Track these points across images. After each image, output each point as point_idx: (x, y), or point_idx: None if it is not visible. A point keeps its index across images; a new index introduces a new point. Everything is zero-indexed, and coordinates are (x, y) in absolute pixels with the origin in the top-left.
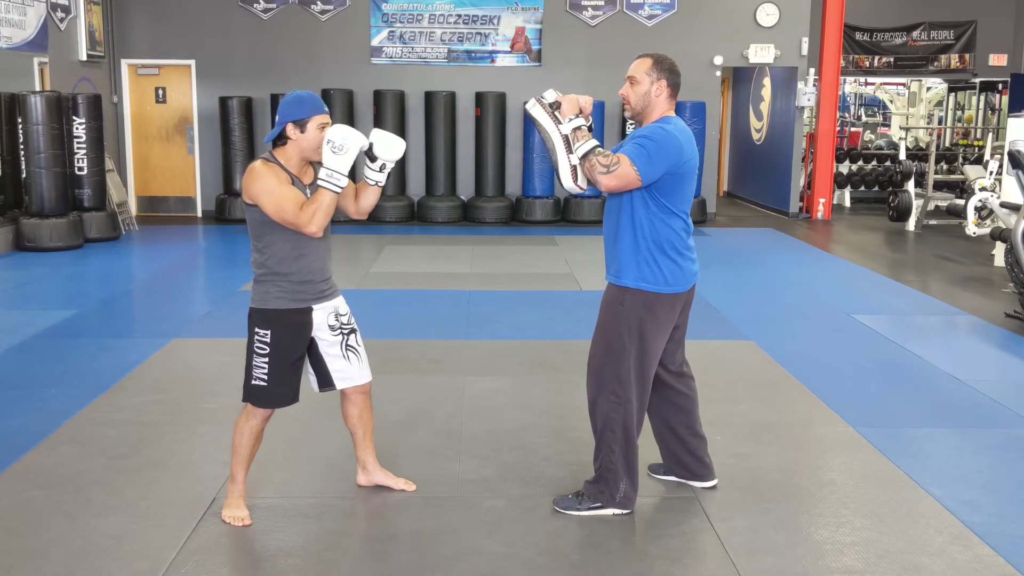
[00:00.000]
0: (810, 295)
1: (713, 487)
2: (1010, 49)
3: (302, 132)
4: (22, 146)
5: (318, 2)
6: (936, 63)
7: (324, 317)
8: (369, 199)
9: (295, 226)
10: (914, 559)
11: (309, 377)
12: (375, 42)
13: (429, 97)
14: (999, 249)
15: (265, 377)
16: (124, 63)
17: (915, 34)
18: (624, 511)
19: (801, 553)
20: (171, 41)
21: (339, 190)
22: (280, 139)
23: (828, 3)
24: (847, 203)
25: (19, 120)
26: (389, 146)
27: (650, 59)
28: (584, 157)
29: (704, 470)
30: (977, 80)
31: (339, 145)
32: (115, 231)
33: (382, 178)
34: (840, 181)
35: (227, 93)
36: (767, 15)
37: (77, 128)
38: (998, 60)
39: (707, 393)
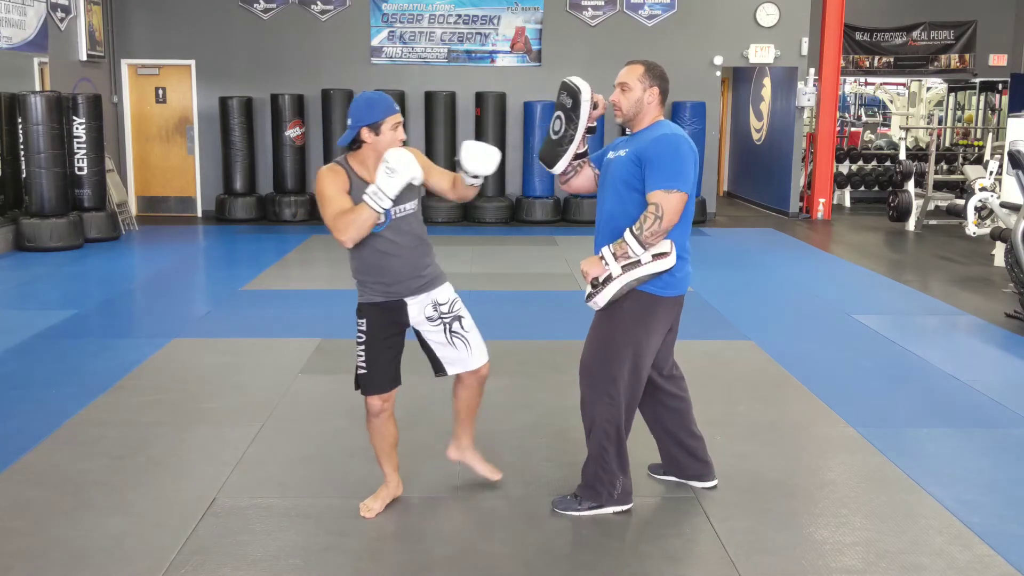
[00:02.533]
0: (810, 295)
1: (714, 487)
2: (1010, 49)
3: (377, 135)
4: (22, 146)
5: (318, 2)
6: (936, 63)
7: (420, 309)
8: (466, 192)
9: (333, 230)
10: (914, 559)
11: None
12: (375, 42)
13: (429, 97)
14: (999, 249)
15: (364, 364)
16: (124, 63)
17: (915, 34)
18: (623, 507)
19: (801, 553)
20: (171, 41)
21: (380, 211)
22: (354, 143)
23: (828, 3)
24: (847, 203)
25: (19, 120)
26: (477, 160)
27: (642, 66)
28: (642, 244)
29: (704, 470)
30: (977, 80)
31: (392, 168)
32: (115, 231)
33: (477, 182)
34: (840, 181)
35: (227, 93)
36: (767, 15)
37: (77, 128)
38: (998, 60)
39: (707, 393)
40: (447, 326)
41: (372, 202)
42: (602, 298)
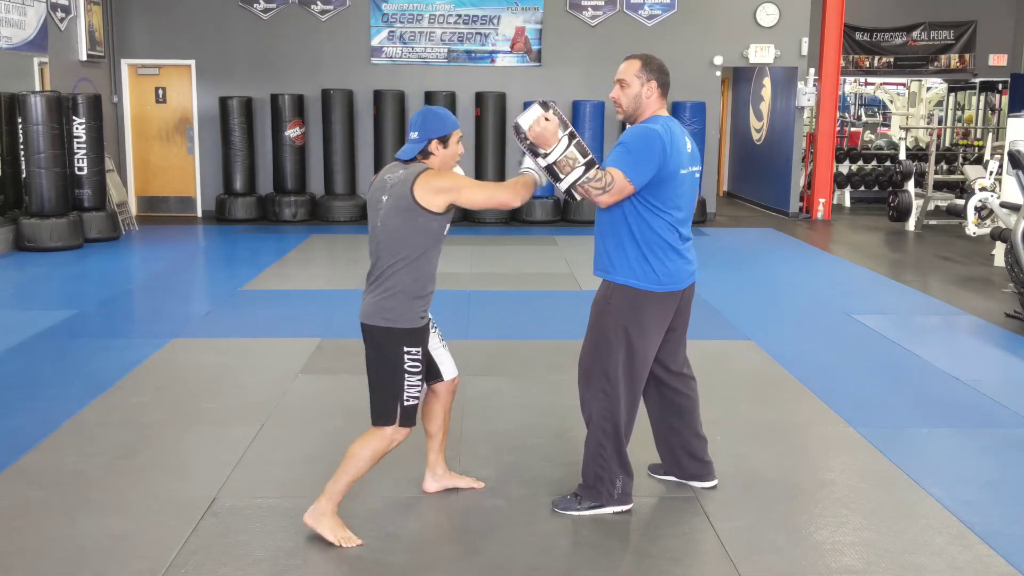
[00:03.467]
0: (810, 295)
1: (713, 487)
2: (1010, 49)
3: (445, 148)
4: (22, 146)
5: (318, 2)
6: (936, 63)
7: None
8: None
9: (504, 200)
10: (914, 559)
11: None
12: (375, 42)
13: (429, 97)
14: (999, 249)
15: (418, 395)
16: (124, 63)
17: (915, 34)
18: (623, 507)
19: (801, 553)
20: (171, 41)
21: (535, 183)
22: (422, 155)
23: (828, 3)
24: (847, 203)
25: (19, 120)
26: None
27: (638, 60)
28: (575, 184)
29: (704, 470)
30: (977, 80)
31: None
32: (115, 231)
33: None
34: (840, 181)
35: (227, 93)
36: (767, 15)
37: (77, 128)
38: (998, 60)
39: (707, 393)
40: (438, 332)
41: (530, 174)
42: (523, 161)
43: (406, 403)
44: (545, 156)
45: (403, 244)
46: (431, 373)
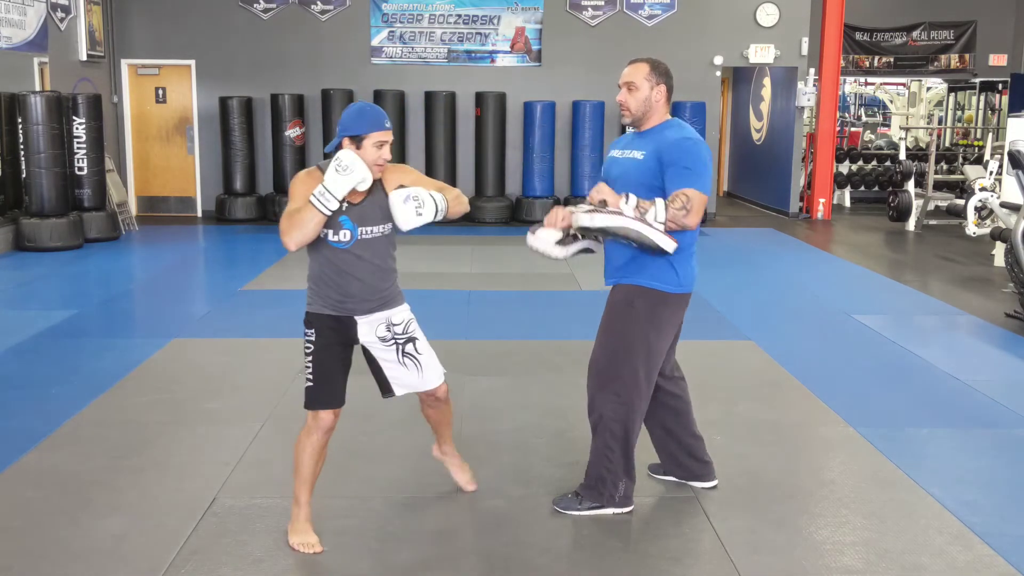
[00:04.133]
0: (810, 295)
1: (714, 487)
2: (1010, 49)
3: (358, 148)
4: (22, 146)
5: (318, 2)
6: (936, 63)
7: (372, 328)
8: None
9: (281, 232)
10: (914, 559)
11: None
12: (375, 42)
13: (429, 97)
14: (999, 249)
15: (311, 377)
16: (124, 63)
17: (915, 34)
18: (624, 510)
19: (801, 553)
20: (171, 41)
21: (326, 212)
22: (336, 149)
23: (828, 3)
24: (847, 203)
25: (19, 120)
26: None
27: (647, 64)
28: (664, 220)
29: (704, 470)
30: (977, 80)
31: (344, 166)
32: (115, 231)
33: (429, 219)
34: (840, 181)
35: (227, 93)
36: (767, 15)
37: (77, 128)
38: (998, 60)
39: (707, 393)
40: (400, 347)
41: (317, 202)
42: (594, 218)
43: (305, 384)
44: (625, 204)
45: None
46: (380, 384)
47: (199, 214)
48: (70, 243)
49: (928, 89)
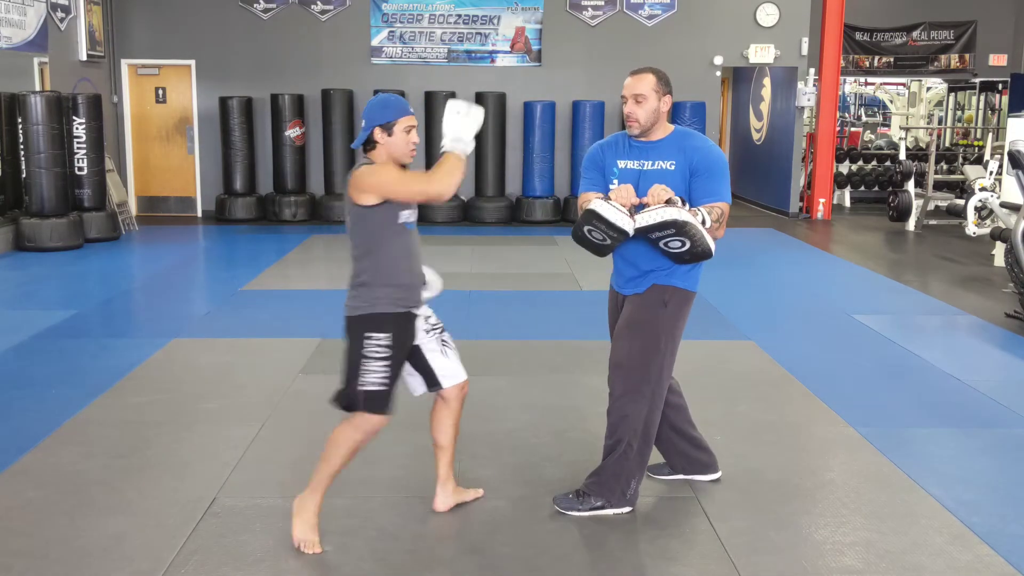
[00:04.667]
0: (810, 295)
1: (718, 479)
2: (1010, 49)
3: (389, 136)
4: (22, 146)
5: (318, 2)
6: (936, 63)
7: (422, 321)
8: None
9: (426, 193)
10: (914, 559)
11: (410, 381)
12: (375, 42)
13: (429, 97)
14: (999, 249)
15: (388, 381)
16: (124, 63)
17: (915, 34)
18: (625, 510)
19: (801, 553)
20: (171, 41)
21: (464, 154)
22: (368, 144)
23: (828, 3)
24: (847, 203)
25: (19, 120)
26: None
27: (652, 75)
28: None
29: (711, 460)
30: (977, 80)
31: (464, 110)
32: (115, 231)
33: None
34: (840, 181)
35: (227, 93)
36: (767, 15)
37: (77, 128)
38: (998, 60)
39: (707, 393)
40: (440, 335)
41: (458, 146)
42: (667, 212)
43: (374, 387)
44: (680, 208)
45: (360, 236)
46: (427, 377)
47: (199, 214)
48: (70, 243)
49: (928, 89)
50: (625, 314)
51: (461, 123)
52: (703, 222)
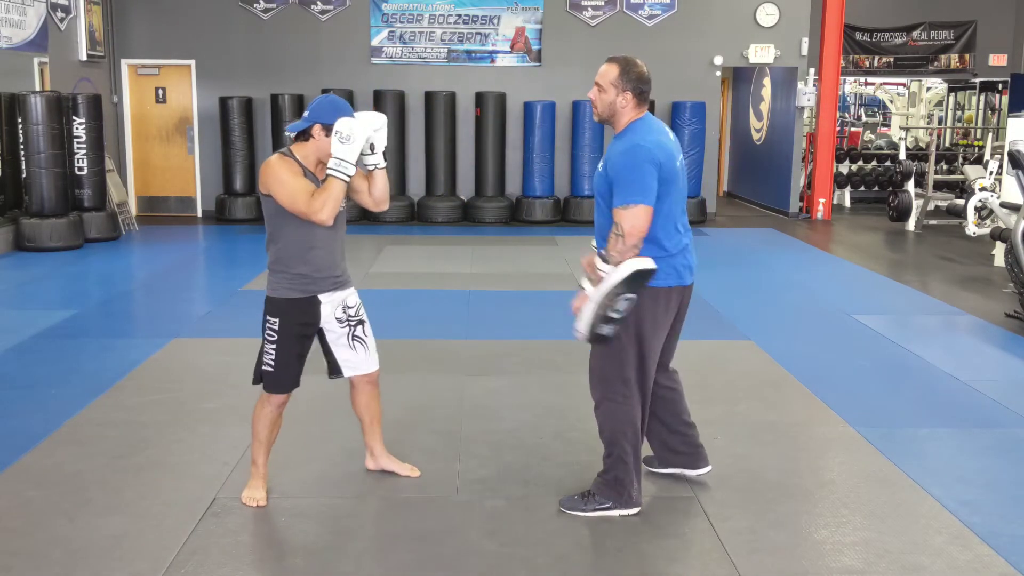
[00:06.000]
0: (810, 295)
1: (708, 471)
2: (1010, 49)
3: (326, 136)
4: (22, 146)
5: (318, 2)
6: (936, 63)
7: (332, 309)
8: (379, 186)
9: (306, 215)
10: (914, 559)
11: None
12: (375, 42)
13: (429, 97)
14: (999, 249)
15: (272, 363)
16: (124, 63)
17: (915, 34)
18: (633, 511)
19: (801, 553)
20: (171, 41)
21: (347, 179)
22: (304, 135)
23: (828, 3)
24: (847, 203)
25: (19, 120)
26: (360, 125)
27: (617, 67)
28: (607, 259)
29: (699, 455)
30: (977, 80)
31: (346, 135)
32: (115, 231)
33: (379, 159)
34: (840, 181)
35: (227, 93)
36: (767, 15)
37: (77, 128)
38: (998, 60)
39: (707, 393)
40: (351, 329)
41: (337, 173)
42: (582, 324)
43: (263, 367)
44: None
45: (267, 223)
46: (329, 364)
47: (199, 214)
48: (70, 243)
49: (928, 89)
50: None
51: (343, 149)
52: (602, 264)
